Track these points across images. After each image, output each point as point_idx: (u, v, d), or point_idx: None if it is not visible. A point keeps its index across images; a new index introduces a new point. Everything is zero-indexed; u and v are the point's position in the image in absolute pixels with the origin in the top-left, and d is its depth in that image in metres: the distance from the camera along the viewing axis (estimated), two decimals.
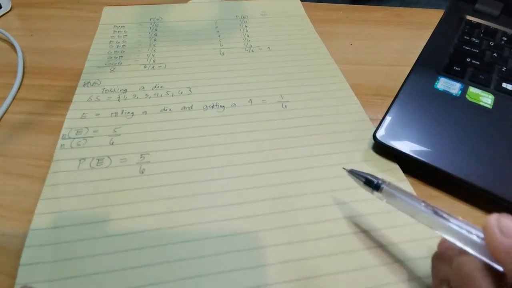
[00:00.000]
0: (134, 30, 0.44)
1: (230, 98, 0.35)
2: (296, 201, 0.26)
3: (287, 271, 0.22)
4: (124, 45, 0.41)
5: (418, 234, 0.24)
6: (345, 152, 0.30)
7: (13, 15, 0.47)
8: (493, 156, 0.28)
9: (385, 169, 0.29)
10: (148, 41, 0.42)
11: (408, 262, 0.23)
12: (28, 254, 0.23)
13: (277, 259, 0.23)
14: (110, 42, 0.42)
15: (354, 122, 0.33)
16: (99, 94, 0.34)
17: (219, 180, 0.27)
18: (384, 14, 0.49)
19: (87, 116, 0.32)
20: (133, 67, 0.38)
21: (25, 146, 0.30)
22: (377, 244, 0.24)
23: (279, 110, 0.34)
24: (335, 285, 0.22)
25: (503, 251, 0.16)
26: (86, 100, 0.34)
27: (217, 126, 0.32)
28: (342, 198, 0.26)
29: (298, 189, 0.27)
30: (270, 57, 0.40)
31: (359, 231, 0.25)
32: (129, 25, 0.45)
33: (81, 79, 0.36)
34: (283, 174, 0.28)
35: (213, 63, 0.39)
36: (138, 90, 0.35)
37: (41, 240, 0.23)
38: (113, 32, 0.44)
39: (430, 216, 0.19)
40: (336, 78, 0.38)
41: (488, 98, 0.32)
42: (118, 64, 0.38)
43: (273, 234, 0.24)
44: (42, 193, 0.26)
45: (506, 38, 0.40)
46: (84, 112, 0.32)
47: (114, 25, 0.45)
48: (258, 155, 0.29)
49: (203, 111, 0.33)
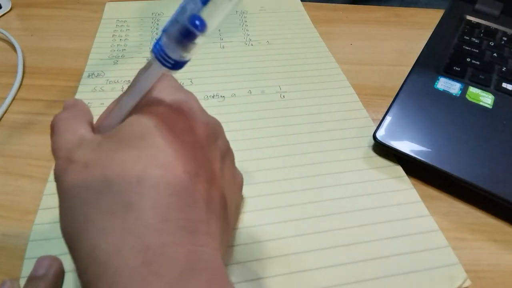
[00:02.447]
0: (137, 25, 0.45)
1: (230, 89, 0.36)
2: (292, 184, 0.27)
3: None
4: (127, 39, 0.42)
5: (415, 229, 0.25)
6: (345, 149, 0.30)
7: (13, 15, 0.47)
8: (493, 156, 0.28)
9: (386, 165, 0.29)
10: (150, 35, 0.43)
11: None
12: (32, 248, 0.23)
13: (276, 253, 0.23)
14: (113, 36, 0.43)
15: (352, 111, 0.34)
16: (103, 85, 0.36)
17: None
18: (384, 14, 0.49)
19: (92, 105, 0.33)
20: (136, 60, 0.39)
21: (25, 146, 0.30)
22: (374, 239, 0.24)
23: (277, 100, 0.35)
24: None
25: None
26: (90, 90, 0.35)
27: (218, 115, 0.32)
28: (335, 195, 0.27)
29: (296, 174, 0.28)
30: (269, 50, 0.41)
31: (352, 225, 0.25)
32: (131, 20, 0.46)
33: (86, 70, 0.37)
34: (281, 159, 0.29)
35: (213, 56, 0.40)
36: None
37: (45, 235, 0.23)
38: (115, 26, 0.44)
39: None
40: (334, 70, 0.39)
41: (488, 98, 0.32)
42: (121, 57, 0.39)
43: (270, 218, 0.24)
44: (46, 188, 0.26)
45: (506, 38, 0.40)
46: (89, 102, 0.33)
47: (116, 19, 0.46)
48: (256, 142, 0.30)
49: (204, 100, 0.34)
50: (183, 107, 0.18)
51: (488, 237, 0.25)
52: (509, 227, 0.26)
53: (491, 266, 0.24)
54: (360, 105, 0.34)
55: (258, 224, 0.25)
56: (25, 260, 0.22)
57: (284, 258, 0.23)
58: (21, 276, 0.21)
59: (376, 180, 0.28)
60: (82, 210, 0.15)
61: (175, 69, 0.16)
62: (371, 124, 0.32)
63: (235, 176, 0.22)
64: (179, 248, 0.14)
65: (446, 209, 0.27)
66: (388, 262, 0.23)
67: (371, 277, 0.22)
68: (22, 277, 0.21)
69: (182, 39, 0.15)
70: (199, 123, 0.18)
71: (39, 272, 0.20)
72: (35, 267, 0.21)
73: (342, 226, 0.25)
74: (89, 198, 0.15)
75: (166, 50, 0.15)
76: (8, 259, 0.23)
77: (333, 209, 0.26)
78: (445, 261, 0.23)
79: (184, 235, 0.14)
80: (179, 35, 0.14)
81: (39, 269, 0.21)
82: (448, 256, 0.23)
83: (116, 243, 0.14)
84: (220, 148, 0.19)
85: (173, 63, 0.15)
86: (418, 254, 0.23)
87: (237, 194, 0.23)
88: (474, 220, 0.26)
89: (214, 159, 0.18)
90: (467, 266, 0.23)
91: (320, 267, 0.23)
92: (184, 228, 0.15)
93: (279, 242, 0.24)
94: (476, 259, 0.24)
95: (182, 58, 0.15)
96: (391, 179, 0.28)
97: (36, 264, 0.21)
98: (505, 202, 0.25)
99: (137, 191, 0.14)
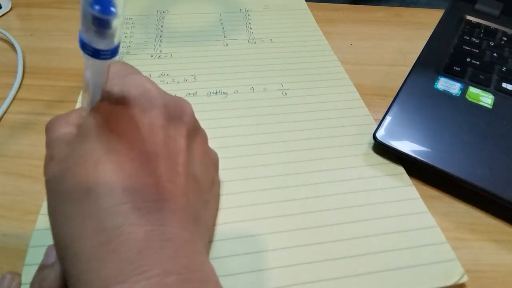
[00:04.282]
0: (141, 22, 0.45)
1: (232, 86, 0.36)
2: (292, 179, 0.27)
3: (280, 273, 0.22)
4: (132, 35, 0.43)
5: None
6: (346, 146, 0.30)
7: (13, 15, 0.47)
8: (493, 156, 0.28)
9: (385, 163, 0.29)
10: (155, 32, 0.43)
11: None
12: (32, 254, 0.23)
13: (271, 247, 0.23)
14: None
15: (353, 108, 0.34)
16: None
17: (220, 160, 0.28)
18: (384, 14, 0.49)
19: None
20: (141, 56, 0.39)
21: (25, 146, 0.30)
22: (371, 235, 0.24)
23: (279, 97, 0.35)
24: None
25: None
26: None
27: (220, 111, 0.33)
28: (335, 190, 0.27)
29: (296, 169, 0.28)
30: (272, 48, 0.41)
31: (350, 221, 0.25)
32: (136, 17, 0.46)
33: None
34: (283, 154, 0.29)
35: (217, 53, 0.40)
36: None
37: (46, 240, 0.23)
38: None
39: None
40: (336, 69, 0.39)
41: (488, 98, 0.32)
42: (126, 54, 0.40)
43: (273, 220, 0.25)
44: None
45: (506, 38, 0.40)
46: None
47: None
48: (258, 137, 0.31)
49: (207, 97, 0.34)
50: (133, 93, 0.18)
51: (488, 237, 0.25)
52: (509, 227, 0.26)
53: (491, 266, 0.24)
54: (361, 103, 0.34)
55: (257, 218, 0.25)
56: (25, 266, 0.22)
57: (282, 252, 0.23)
58: (22, 283, 0.21)
59: (375, 176, 0.28)
60: (54, 200, 0.16)
61: (113, 57, 0.15)
62: (372, 122, 0.32)
63: (207, 153, 0.22)
64: (136, 228, 0.15)
65: (446, 209, 0.27)
66: (385, 257, 0.23)
67: (368, 271, 0.22)
68: (24, 283, 0.21)
69: (97, 28, 0.13)
70: (154, 105, 0.18)
71: (49, 260, 0.21)
72: (45, 256, 0.21)
73: (340, 221, 0.25)
74: (58, 189, 0.16)
75: (92, 43, 0.14)
76: (9, 259, 0.23)
77: (332, 204, 0.26)
78: (443, 257, 0.23)
79: (143, 215, 0.15)
80: (92, 25, 0.13)
81: (49, 258, 0.21)
82: (445, 252, 0.23)
83: (77, 227, 0.15)
84: (187, 125, 0.19)
85: (109, 52, 0.14)
86: (416, 249, 0.23)
87: (212, 171, 0.23)
88: (474, 220, 0.26)
89: (178, 136, 0.18)
90: (467, 266, 0.23)
91: (318, 261, 0.23)
92: (143, 208, 0.15)
93: (277, 236, 0.24)
94: (476, 259, 0.24)
95: (112, 44, 0.14)
96: (390, 176, 0.28)
97: (46, 253, 0.21)
98: (505, 202, 0.25)
99: (95, 176, 0.15)
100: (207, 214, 0.22)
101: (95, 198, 0.15)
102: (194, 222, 0.17)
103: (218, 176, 0.26)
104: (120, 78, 0.19)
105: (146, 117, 0.17)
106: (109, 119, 0.17)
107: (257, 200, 0.26)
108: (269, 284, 0.22)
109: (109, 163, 0.16)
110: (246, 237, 0.24)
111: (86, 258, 0.14)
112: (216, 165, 0.24)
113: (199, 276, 0.15)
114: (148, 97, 0.18)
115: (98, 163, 0.16)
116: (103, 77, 0.17)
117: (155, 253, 0.14)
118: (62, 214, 0.16)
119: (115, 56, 0.15)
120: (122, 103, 0.18)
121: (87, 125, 0.17)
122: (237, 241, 0.24)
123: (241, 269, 0.22)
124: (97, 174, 0.15)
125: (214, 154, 0.24)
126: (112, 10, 0.13)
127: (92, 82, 0.17)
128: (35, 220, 0.24)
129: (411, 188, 0.27)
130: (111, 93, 0.18)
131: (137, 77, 0.19)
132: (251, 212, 0.25)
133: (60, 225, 0.16)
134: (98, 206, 0.15)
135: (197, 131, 0.21)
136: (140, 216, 0.15)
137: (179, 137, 0.18)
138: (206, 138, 0.22)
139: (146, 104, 0.18)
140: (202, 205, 0.20)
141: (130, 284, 0.13)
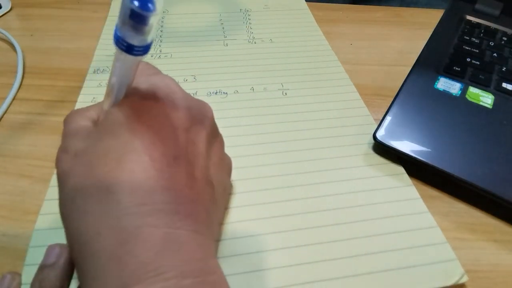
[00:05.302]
0: None
1: (232, 86, 0.36)
2: (292, 179, 0.27)
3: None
4: None
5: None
6: (346, 146, 0.30)
7: (13, 15, 0.47)
8: (493, 156, 0.28)
9: (385, 163, 0.29)
10: (155, 32, 0.43)
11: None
12: (33, 254, 0.23)
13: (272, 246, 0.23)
14: None
15: (353, 108, 0.34)
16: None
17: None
18: (384, 14, 0.49)
19: (98, 100, 0.33)
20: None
21: (25, 146, 0.30)
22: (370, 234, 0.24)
23: (279, 97, 0.35)
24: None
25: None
26: (96, 86, 0.35)
27: (220, 111, 0.33)
28: (335, 190, 0.27)
29: (296, 169, 0.28)
30: (272, 48, 0.42)
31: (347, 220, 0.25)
32: None
33: (91, 66, 0.38)
34: (282, 155, 0.29)
35: (217, 53, 0.40)
36: None
37: (46, 240, 0.23)
38: None
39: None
40: (336, 69, 0.39)
41: (488, 98, 0.32)
42: None
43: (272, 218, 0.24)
44: (47, 194, 0.26)
45: (506, 38, 0.40)
46: (94, 97, 0.34)
47: None
48: (258, 137, 0.31)
49: (207, 97, 0.35)
50: (159, 93, 0.18)
51: (488, 237, 0.25)
52: (509, 227, 0.26)
53: (491, 266, 0.24)
54: (361, 103, 0.35)
55: (257, 218, 0.25)
56: (25, 266, 0.22)
57: (282, 252, 0.23)
58: (22, 283, 0.21)
59: (375, 176, 0.28)
60: (70, 194, 0.16)
61: (144, 54, 0.15)
62: (372, 122, 0.32)
63: (223, 159, 0.22)
64: (154, 230, 0.15)
65: (446, 209, 0.27)
66: (385, 257, 0.23)
67: (368, 271, 0.22)
68: (24, 283, 0.21)
69: (134, 23, 0.14)
70: (179, 107, 0.18)
71: (50, 260, 0.20)
72: (46, 255, 0.21)
73: (340, 221, 0.25)
74: (76, 184, 0.16)
75: (127, 38, 0.14)
76: (9, 259, 0.23)
77: (332, 204, 0.26)
78: (443, 257, 0.23)
79: (161, 218, 0.15)
80: (130, 20, 0.14)
81: (50, 257, 0.21)
82: (446, 252, 0.23)
83: (96, 225, 0.15)
84: (207, 130, 0.19)
85: (141, 48, 0.15)
86: (416, 249, 0.23)
87: (225, 177, 0.23)
88: (474, 220, 0.26)
89: (199, 141, 0.18)
90: (467, 266, 0.23)
91: (318, 261, 0.23)
92: (161, 211, 0.15)
93: (277, 236, 0.24)
94: (476, 259, 0.24)
95: (146, 41, 0.15)
96: (390, 176, 0.28)
97: (46, 253, 0.21)
98: (505, 202, 0.25)
99: (116, 175, 0.15)
100: (216, 214, 0.22)
101: (116, 196, 0.15)
102: (207, 226, 0.17)
103: (230, 181, 0.26)
104: (146, 76, 0.19)
105: (170, 119, 0.17)
106: (133, 117, 0.17)
107: (257, 200, 0.26)
108: (269, 284, 0.22)
109: (131, 162, 0.15)
110: (246, 237, 0.24)
111: (106, 257, 0.14)
112: (229, 171, 0.24)
113: (213, 279, 0.15)
114: (173, 98, 0.18)
115: (120, 161, 0.15)
116: (131, 73, 0.17)
117: (171, 255, 0.14)
118: (79, 211, 0.15)
119: (146, 53, 0.15)
120: (147, 102, 0.17)
121: (110, 120, 0.17)
122: (237, 241, 0.24)
123: (241, 269, 0.22)
124: (119, 172, 0.15)
125: (229, 159, 0.24)
126: (150, 7, 0.14)
127: (119, 78, 0.17)
128: (35, 220, 0.24)
129: (411, 188, 0.27)
130: (138, 91, 0.18)
131: (164, 77, 0.19)
132: (251, 212, 0.25)
133: (75, 220, 0.15)
134: (118, 204, 0.15)
135: (216, 135, 0.21)
136: (159, 218, 0.15)
137: (199, 142, 0.18)
138: (223, 143, 0.22)
139: (171, 106, 0.18)
140: (215, 209, 0.20)
141: (147, 285, 0.13)
